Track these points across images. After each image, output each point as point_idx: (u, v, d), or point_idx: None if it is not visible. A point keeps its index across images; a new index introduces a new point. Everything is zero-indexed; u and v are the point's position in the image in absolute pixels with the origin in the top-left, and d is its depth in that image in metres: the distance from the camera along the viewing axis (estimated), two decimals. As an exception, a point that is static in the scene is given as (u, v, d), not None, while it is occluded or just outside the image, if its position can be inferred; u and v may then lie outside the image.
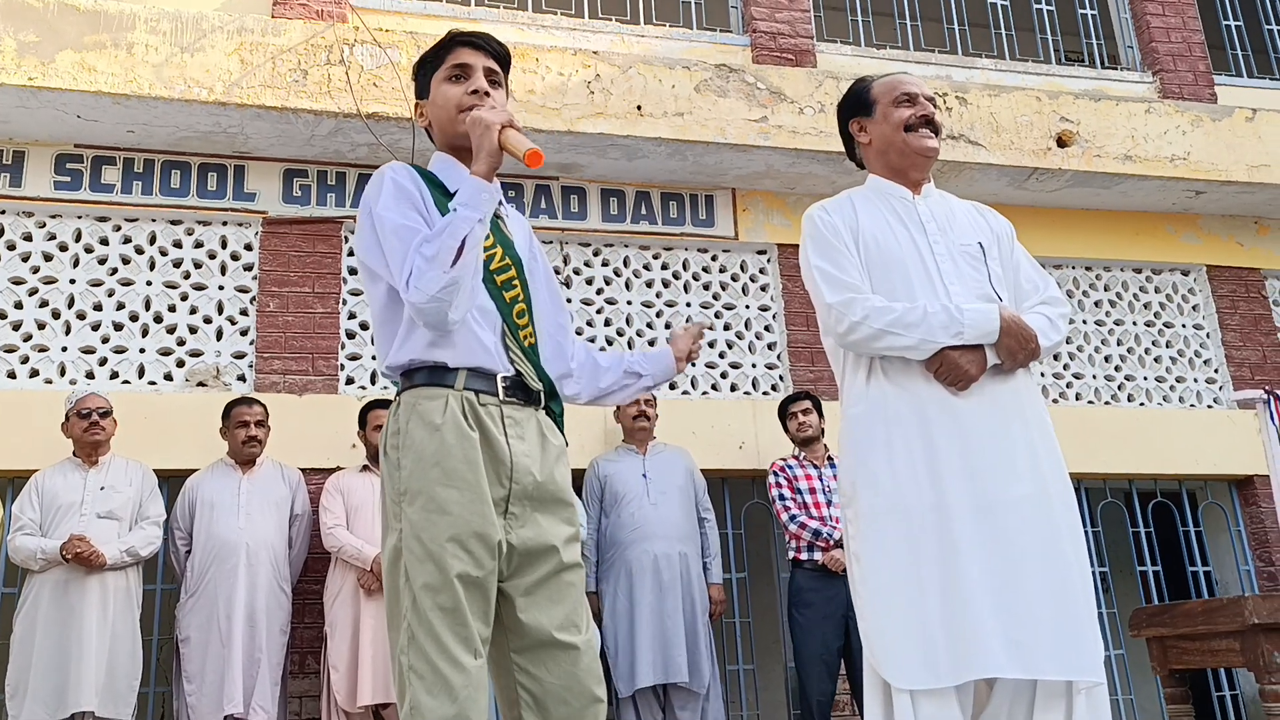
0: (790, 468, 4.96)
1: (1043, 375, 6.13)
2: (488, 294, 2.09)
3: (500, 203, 2.19)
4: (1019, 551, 2.28)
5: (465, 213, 1.96)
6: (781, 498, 4.90)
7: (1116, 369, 6.31)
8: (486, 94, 2.15)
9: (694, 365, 5.72)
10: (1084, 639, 2.26)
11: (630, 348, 5.66)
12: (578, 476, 5.02)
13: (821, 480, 4.89)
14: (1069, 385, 6.21)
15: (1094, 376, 6.26)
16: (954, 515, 2.30)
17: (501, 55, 2.23)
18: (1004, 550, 2.28)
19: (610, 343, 5.65)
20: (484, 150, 2.01)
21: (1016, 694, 2.31)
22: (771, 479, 4.98)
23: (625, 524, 4.80)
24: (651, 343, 5.70)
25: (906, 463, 2.37)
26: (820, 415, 5.03)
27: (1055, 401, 6.09)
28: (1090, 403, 6.19)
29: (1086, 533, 5.43)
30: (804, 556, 4.78)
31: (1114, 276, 6.49)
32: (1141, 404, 6.26)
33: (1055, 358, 6.21)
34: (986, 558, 2.28)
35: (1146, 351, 6.39)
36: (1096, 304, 6.41)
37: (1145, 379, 6.33)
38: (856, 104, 2.68)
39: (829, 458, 4.97)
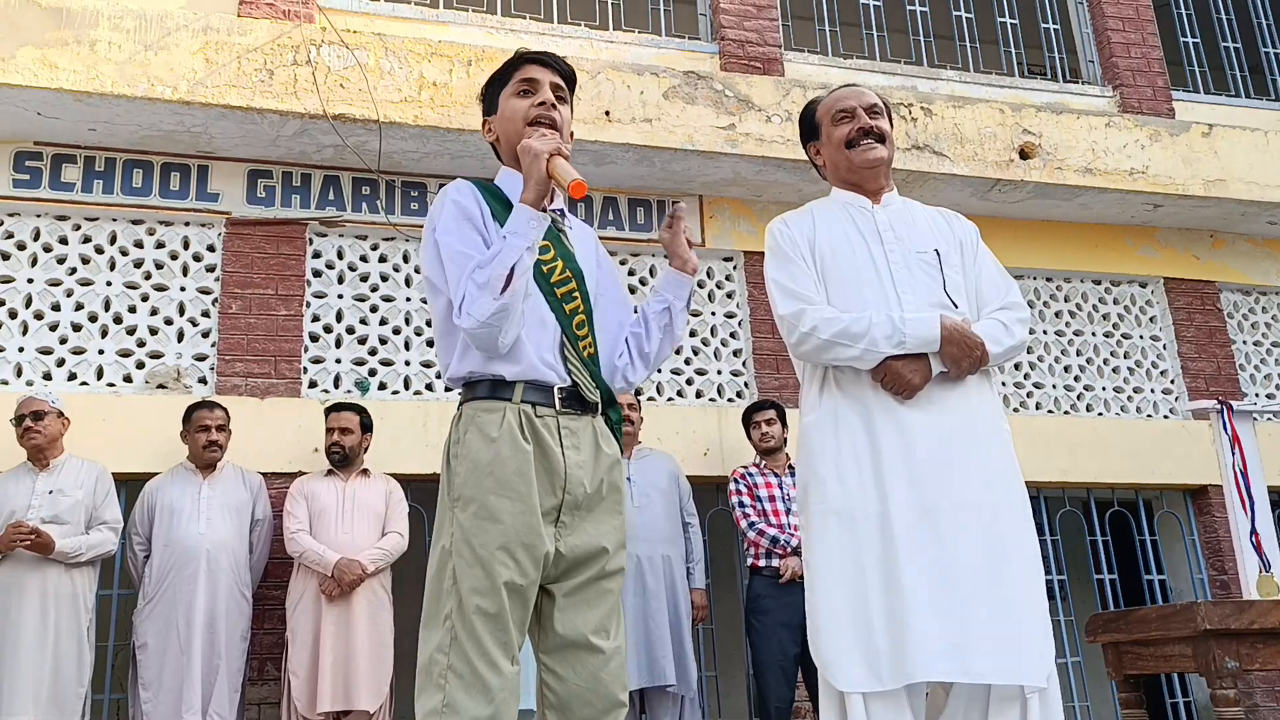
0: (751, 475, 4.99)
1: (1004, 385, 6.20)
2: (548, 306, 2.15)
3: (563, 214, 2.28)
4: (959, 556, 2.32)
5: (514, 241, 2.03)
6: (741, 504, 4.93)
7: (1076, 379, 6.40)
8: (553, 106, 2.23)
9: (677, 353, 5.73)
10: (1025, 643, 2.28)
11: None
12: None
13: (782, 489, 4.92)
14: (1029, 395, 6.28)
15: (1054, 386, 6.34)
16: (895, 520, 2.35)
17: (568, 73, 2.31)
18: (944, 554, 2.32)
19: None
20: (532, 178, 2.09)
21: (971, 698, 2.34)
22: (732, 486, 5.00)
23: None
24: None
25: (854, 469, 2.42)
26: (784, 425, 5.06)
27: (1016, 410, 6.16)
28: (1050, 412, 6.27)
29: (1045, 541, 5.53)
30: (762, 563, 4.80)
31: (1074, 287, 6.58)
32: (1100, 414, 6.35)
33: (1015, 367, 6.29)
34: (926, 562, 2.31)
35: (1105, 362, 6.48)
36: (1057, 314, 6.49)
37: (1104, 389, 6.42)
38: (807, 129, 2.77)
39: (790, 466, 5.00)
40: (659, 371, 5.74)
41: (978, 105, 6.07)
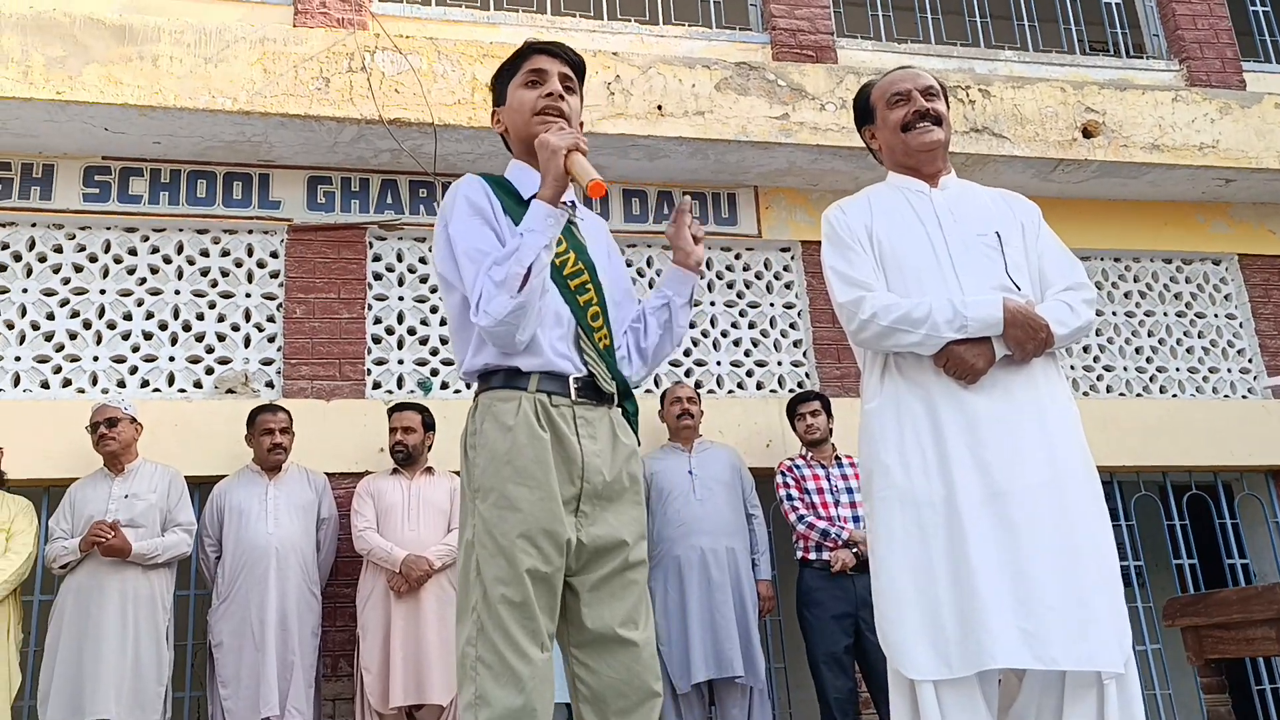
0: (798, 468, 4.95)
1: (1072, 368, 6.07)
2: (561, 298, 2.13)
3: (573, 205, 2.25)
4: (1029, 540, 2.27)
5: (530, 239, 2.01)
6: (789, 498, 4.89)
7: (1148, 360, 6.24)
8: (561, 97, 2.21)
9: (735, 345, 5.71)
10: (1100, 628, 2.23)
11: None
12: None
13: (829, 480, 4.88)
14: (1099, 378, 6.14)
15: (1125, 369, 6.19)
16: (962, 505, 2.31)
17: (577, 63, 2.29)
18: (1014, 539, 2.28)
19: (635, 343, 5.64)
20: (550, 174, 2.07)
21: (1046, 685, 2.29)
22: (779, 479, 4.97)
23: (672, 520, 4.82)
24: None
25: (917, 455, 2.39)
26: (830, 416, 5.01)
27: (1086, 394, 6.03)
28: (1121, 395, 6.12)
29: (1120, 526, 5.41)
30: (812, 556, 4.77)
31: (1143, 267, 6.42)
32: (1174, 395, 6.18)
33: (1085, 349, 6.15)
34: (995, 547, 2.27)
35: (1178, 342, 6.31)
36: (1126, 295, 6.34)
37: (1177, 370, 6.25)
38: (861, 113, 2.73)
39: (837, 457, 4.96)
40: (718, 364, 5.72)
41: (1037, 85, 5.94)
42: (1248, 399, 6.22)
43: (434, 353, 5.42)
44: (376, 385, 5.30)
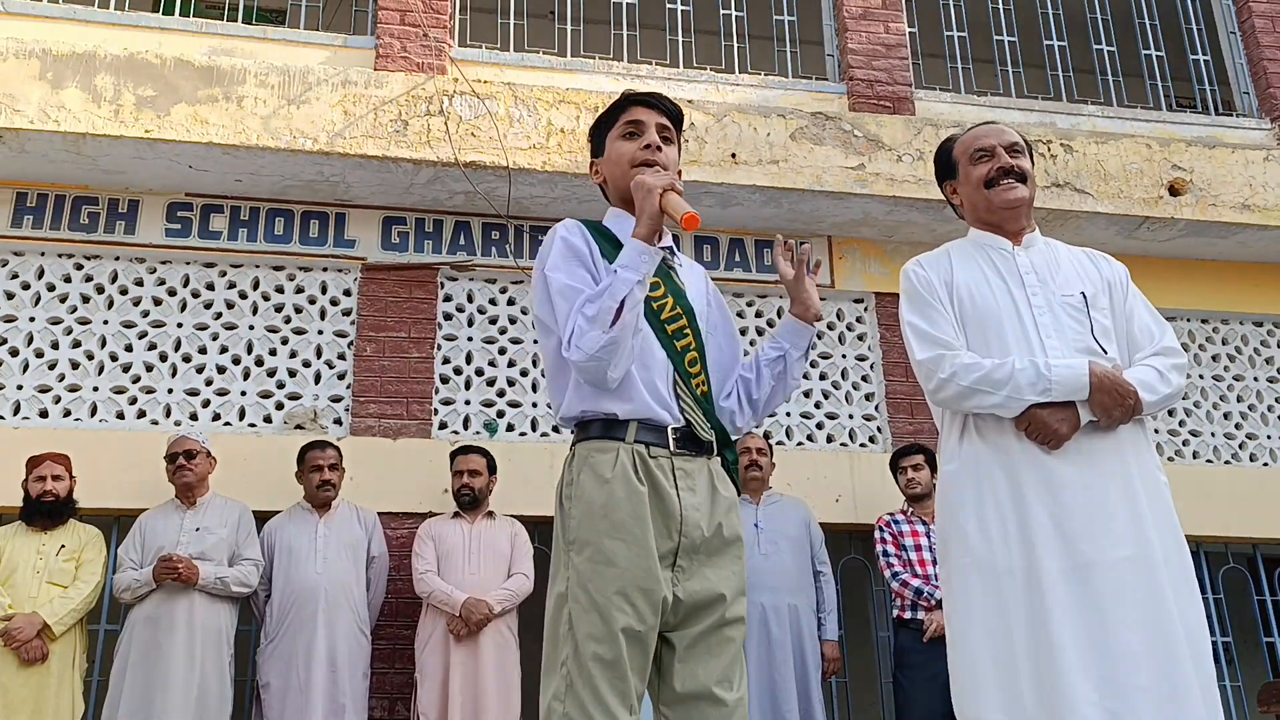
0: (897, 523, 4.81)
1: (1157, 431, 5.85)
2: (659, 343, 2.12)
3: (672, 252, 2.26)
4: (1117, 616, 2.18)
5: (625, 275, 2.01)
6: (885, 554, 4.75)
7: (1237, 426, 6.00)
8: (659, 149, 2.22)
9: (806, 395, 5.61)
10: (1189, 709, 2.12)
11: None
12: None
13: (929, 537, 4.71)
14: (1185, 443, 5.91)
15: (1212, 434, 5.95)
16: (1045, 578, 2.22)
17: (674, 113, 2.30)
18: (1100, 615, 2.18)
19: (702, 392, 5.58)
20: (645, 213, 2.07)
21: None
22: (877, 534, 4.84)
23: None
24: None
25: (997, 522, 2.31)
26: (933, 471, 4.87)
27: (1171, 460, 5.80)
28: (1209, 461, 5.88)
29: (1207, 600, 5.16)
30: (907, 615, 4.62)
31: (1232, 330, 6.20)
32: (1265, 464, 5.93)
33: (1170, 414, 5.94)
34: (1080, 622, 2.18)
35: (1270, 409, 6.06)
36: (1214, 358, 6.12)
37: (1269, 437, 6.00)
38: (943, 167, 2.68)
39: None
40: (788, 415, 5.62)
41: (1122, 140, 5.81)
42: (1343, 470, 5.93)
43: (500, 394, 5.41)
44: (443, 426, 5.30)
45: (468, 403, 5.37)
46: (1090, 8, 6.57)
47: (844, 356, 5.79)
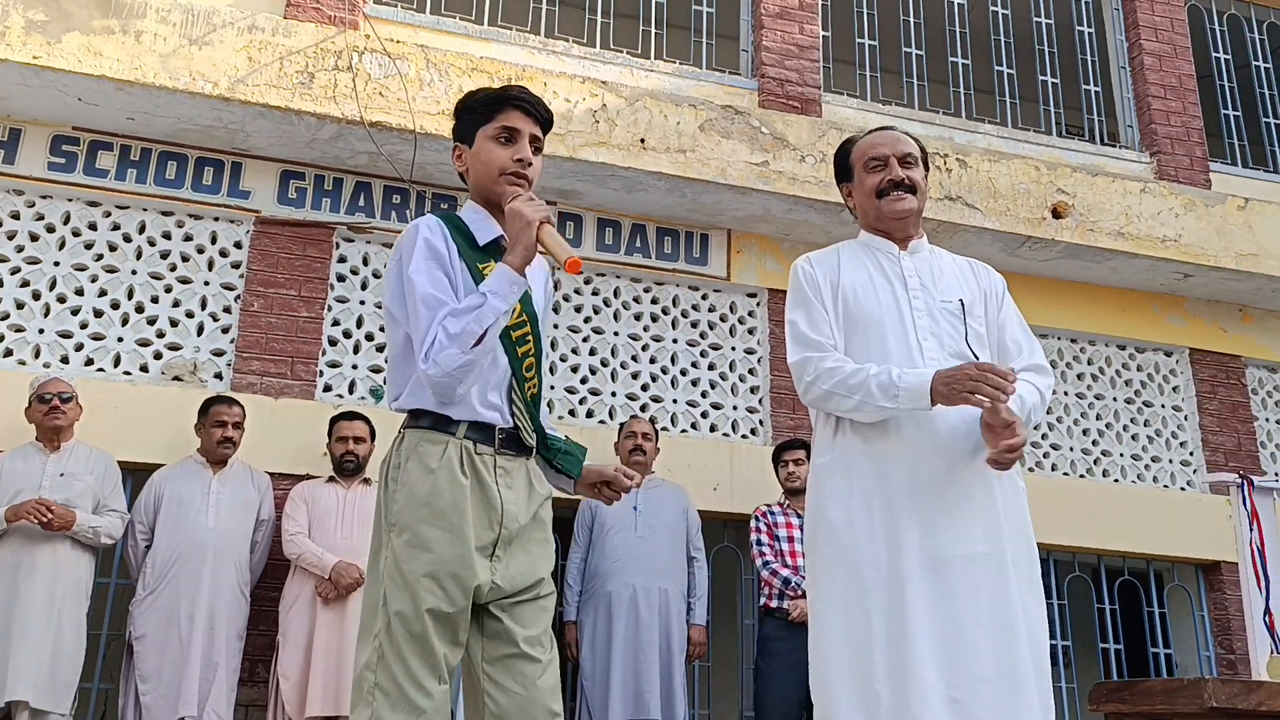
0: (773, 514, 4.94)
1: (1020, 442, 6.12)
2: (502, 349, 2.19)
3: None
4: (966, 610, 2.30)
5: (494, 303, 2.07)
6: (759, 544, 4.88)
7: (1094, 443, 6.33)
8: (529, 164, 2.26)
9: (693, 384, 5.71)
10: (1027, 704, 2.26)
11: (614, 379, 5.64)
12: (574, 506, 5.00)
13: (803, 530, 4.85)
14: (1046, 455, 6.21)
15: (1070, 449, 6.27)
16: (905, 571, 2.33)
17: (547, 122, 2.34)
18: (951, 608, 2.31)
19: (593, 372, 5.62)
20: (521, 244, 2.12)
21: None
22: (753, 524, 4.96)
23: (608, 555, 4.78)
24: (635, 375, 5.67)
25: (863, 515, 2.41)
26: None
27: (1031, 470, 6.09)
28: (1065, 474, 6.20)
29: (1052, 605, 5.44)
30: (774, 604, 4.75)
31: (1098, 351, 6.52)
32: (1116, 480, 6.27)
33: (1035, 427, 6.21)
34: (934, 615, 2.30)
35: (1125, 429, 6.41)
36: (1079, 377, 6.43)
37: (1121, 455, 6.35)
38: (840, 169, 2.76)
39: None
40: (674, 403, 5.71)
41: (1013, 160, 6.04)
42: (1186, 491, 6.32)
43: (389, 360, 5.34)
44: (328, 388, 5.22)
45: (355, 367, 5.30)
46: (994, 29, 6.81)
47: (733, 349, 5.90)
